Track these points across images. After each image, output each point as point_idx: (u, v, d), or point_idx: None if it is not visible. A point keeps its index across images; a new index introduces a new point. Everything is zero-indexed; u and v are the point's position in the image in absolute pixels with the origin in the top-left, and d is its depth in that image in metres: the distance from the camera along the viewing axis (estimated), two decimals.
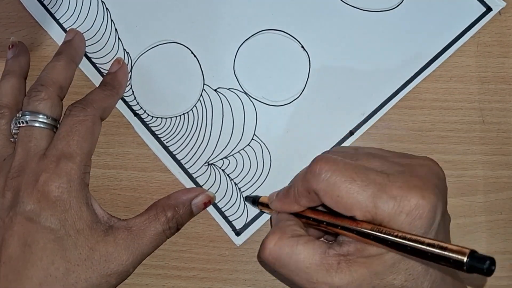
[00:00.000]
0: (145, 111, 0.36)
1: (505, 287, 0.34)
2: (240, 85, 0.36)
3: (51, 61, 0.34)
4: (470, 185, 0.35)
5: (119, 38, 0.37)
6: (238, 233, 0.35)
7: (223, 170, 0.35)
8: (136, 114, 0.36)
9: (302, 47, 0.36)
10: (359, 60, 0.36)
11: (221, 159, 0.35)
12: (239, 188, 0.35)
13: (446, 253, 0.21)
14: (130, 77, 0.37)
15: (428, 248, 0.22)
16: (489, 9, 0.35)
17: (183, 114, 0.36)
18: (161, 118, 0.36)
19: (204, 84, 0.36)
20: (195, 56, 0.36)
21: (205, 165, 0.35)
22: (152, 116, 0.36)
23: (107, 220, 0.32)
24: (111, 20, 0.37)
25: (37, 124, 0.32)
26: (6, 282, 0.29)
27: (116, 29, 0.37)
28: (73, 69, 0.35)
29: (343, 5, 0.36)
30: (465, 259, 0.21)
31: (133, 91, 0.36)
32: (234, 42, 0.36)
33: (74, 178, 0.31)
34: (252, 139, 0.35)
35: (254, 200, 0.34)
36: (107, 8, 0.37)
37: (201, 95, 0.36)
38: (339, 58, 0.36)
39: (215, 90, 0.36)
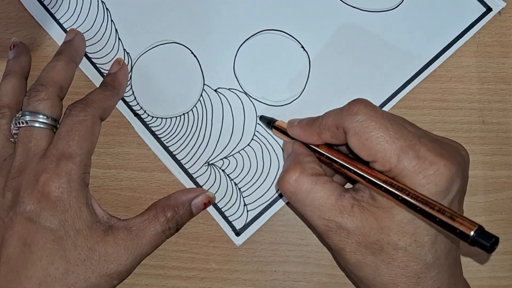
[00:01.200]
0: (145, 111, 0.36)
1: (505, 287, 0.34)
2: (240, 85, 0.36)
3: (51, 61, 0.34)
4: (470, 185, 0.34)
5: (119, 38, 0.37)
6: (238, 233, 0.35)
7: (223, 170, 0.35)
8: (136, 114, 0.36)
9: (302, 47, 0.36)
10: (359, 60, 0.36)
11: (221, 159, 0.35)
12: (239, 188, 0.35)
13: (454, 223, 0.22)
14: (130, 77, 0.37)
15: (437, 214, 0.22)
16: (489, 9, 0.35)
17: (183, 114, 0.36)
18: (161, 118, 0.36)
19: (204, 84, 0.36)
20: (195, 56, 0.36)
21: (205, 165, 0.35)
22: (152, 116, 0.36)
23: (106, 220, 0.32)
24: (111, 20, 0.37)
25: (37, 125, 0.32)
26: (6, 282, 0.29)
27: (116, 29, 0.37)
28: (73, 69, 0.35)
29: (343, 5, 0.36)
30: (471, 233, 0.21)
31: (133, 91, 0.36)
32: (234, 42, 0.36)
33: (74, 178, 0.31)
34: (252, 139, 0.35)
35: (269, 122, 0.34)
36: (107, 8, 0.37)
37: (201, 95, 0.36)
38: (339, 59, 0.36)
39: (215, 90, 0.36)
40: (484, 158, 0.35)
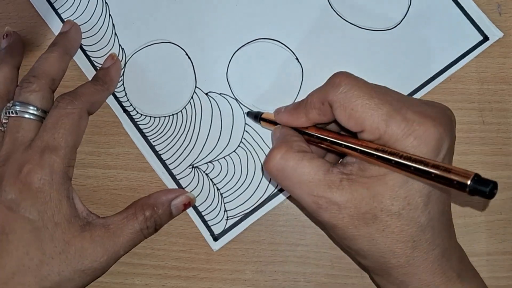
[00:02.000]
0: (134, 108, 0.36)
1: (505, 287, 0.34)
2: (231, 91, 0.36)
3: (45, 52, 0.34)
4: None
5: (115, 34, 0.37)
6: (216, 238, 0.35)
7: (207, 174, 0.35)
8: (125, 111, 0.36)
9: (297, 59, 0.36)
10: None
11: (206, 163, 0.36)
12: (221, 194, 0.35)
13: (449, 175, 0.22)
14: (123, 73, 0.37)
15: (432, 169, 0.22)
16: (486, 38, 0.35)
17: (172, 114, 0.36)
18: (150, 116, 0.36)
19: (196, 86, 0.36)
20: (189, 58, 0.36)
21: (189, 168, 0.36)
22: (141, 114, 0.36)
23: (86, 216, 0.32)
24: (109, 14, 0.37)
25: (26, 115, 0.32)
26: None
27: (113, 24, 0.37)
28: (66, 61, 0.35)
29: (343, 22, 0.36)
30: (468, 181, 0.21)
31: (124, 88, 0.36)
32: (230, 47, 0.36)
33: (57, 171, 0.31)
34: (239, 146, 0.36)
35: (256, 116, 0.34)
36: (106, 3, 0.37)
37: (192, 97, 0.36)
38: (332, 73, 0.36)
39: (206, 94, 0.36)
40: (484, 158, 0.35)
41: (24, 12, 0.38)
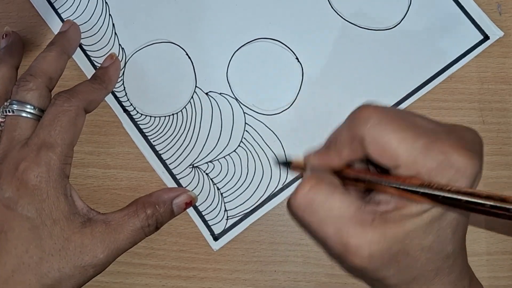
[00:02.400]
0: (134, 108, 0.36)
1: (505, 287, 0.34)
2: (231, 90, 0.36)
3: (43, 51, 0.34)
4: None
5: (115, 33, 0.37)
6: (216, 238, 0.35)
7: (207, 174, 0.35)
8: (125, 111, 0.36)
9: (297, 58, 0.36)
10: (353, 77, 0.36)
11: (206, 162, 0.36)
12: (221, 194, 0.35)
13: (506, 204, 0.21)
14: (123, 73, 0.37)
15: (486, 201, 0.21)
16: (486, 37, 0.35)
17: (172, 114, 0.36)
18: (150, 116, 0.36)
19: (196, 86, 0.36)
20: (189, 57, 0.36)
21: (189, 167, 0.36)
22: (141, 114, 0.36)
23: (86, 213, 0.32)
24: (109, 14, 0.37)
25: (23, 114, 0.32)
26: None
27: (113, 24, 0.37)
28: (64, 60, 0.35)
29: (343, 21, 0.36)
30: None
31: (124, 87, 0.36)
32: (230, 47, 0.36)
33: (54, 168, 0.31)
34: (239, 145, 0.36)
35: (285, 163, 0.33)
36: (106, 2, 0.37)
37: (192, 97, 0.36)
38: (332, 73, 0.36)
39: (207, 94, 0.36)
40: (484, 158, 0.34)
41: (24, 12, 0.38)
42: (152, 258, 0.35)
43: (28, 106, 0.32)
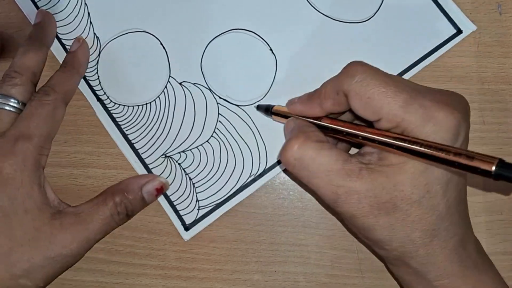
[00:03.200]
0: (108, 97, 0.36)
1: None
2: (205, 81, 0.36)
3: (23, 46, 0.34)
4: (470, 185, 0.34)
5: (90, 22, 0.37)
6: (187, 228, 0.35)
7: (179, 164, 0.35)
8: (99, 99, 0.36)
9: (271, 50, 0.36)
10: (326, 69, 0.35)
11: (179, 152, 0.36)
12: (193, 184, 0.35)
13: (473, 162, 0.22)
14: (97, 62, 0.37)
15: (455, 158, 0.22)
16: (459, 31, 0.35)
17: (146, 104, 0.36)
18: (124, 105, 0.36)
19: (169, 76, 0.36)
20: (163, 47, 0.36)
21: (162, 157, 0.36)
22: (115, 103, 0.36)
23: (57, 205, 0.32)
24: (85, 3, 0.37)
25: (7, 108, 0.32)
26: None
27: (89, 13, 0.37)
28: (44, 52, 0.35)
29: (316, 13, 0.36)
30: (493, 167, 0.21)
31: (98, 76, 0.36)
32: (204, 37, 0.36)
33: (29, 158, 0.31)
34: (212, 136, 0.36)
35: (267, 109, 0.34)
36: None
37: (166, 87, 0.36)
38: (306, 65, 0.36)
39: (180, 84, 0.36)
40: None
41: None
42: (152, 259, 0.35)
43: (12, 100, 0.33)
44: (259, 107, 0.35)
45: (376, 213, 0.26)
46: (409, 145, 0.24)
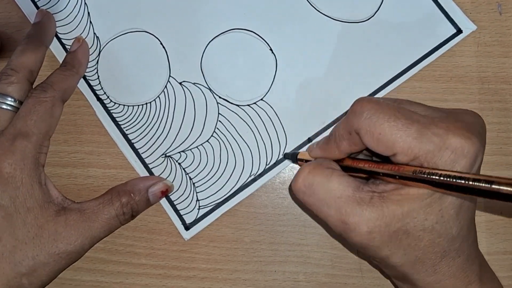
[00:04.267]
0: (108, 97, 0.36)
1: (505, 287, 0.33)
2: (205, 81, 0.36)
3: (20, 45, 0.34)
4: None
5: (90, 22, 0.37)
6: (187, 227, 0.35)
7: (179, 164, 0.35)
8: (99, 99, 0.36)
9: (271, 49, 0.36)
10: (325, 69, 0.36)
11: (179, 152, 0.36)
12: (194, 183, 0.35)
13: (496, 186, 0.21)
14: (97, 62, 0.37)
15: (476, 183, 0.21)
16: (459, 31, 0.35)
17: (146, 103, 0.36)
18: (124, 105, 0.36)
19: (169, 76, 0.36)
20: (163, 47, 0.36)
21: (162, 157, 0.36)
22: (115, 103, 0.36)
23: (61, 202, 0.32)
24: (85, 3, 0.37)
25: (4, 106, 0.32)
26: None
27: (88, 13, 0.37)
28: (43, 51, 0.35)
29: (317, 13, 0.36)
30: None
31: (98, 76, 0.36)
32: (204, 37, 0.36)
33: (29, 156, 0.31)
34: (212, 135, 0.36)
35: (293, 156, 0.34)
36: None
37: (166, 86, 0.36)
38: (306, 65, 0.36)
39: (180, 83, 0.36)
40: (484, 158, 0.34)
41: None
42: (152, 258, 0.35)
43: (9, 99, 0.32)
44: (286, 155, 0.35)
45: (387, 242, 0.25)
46: (427, 178, 0.23)
